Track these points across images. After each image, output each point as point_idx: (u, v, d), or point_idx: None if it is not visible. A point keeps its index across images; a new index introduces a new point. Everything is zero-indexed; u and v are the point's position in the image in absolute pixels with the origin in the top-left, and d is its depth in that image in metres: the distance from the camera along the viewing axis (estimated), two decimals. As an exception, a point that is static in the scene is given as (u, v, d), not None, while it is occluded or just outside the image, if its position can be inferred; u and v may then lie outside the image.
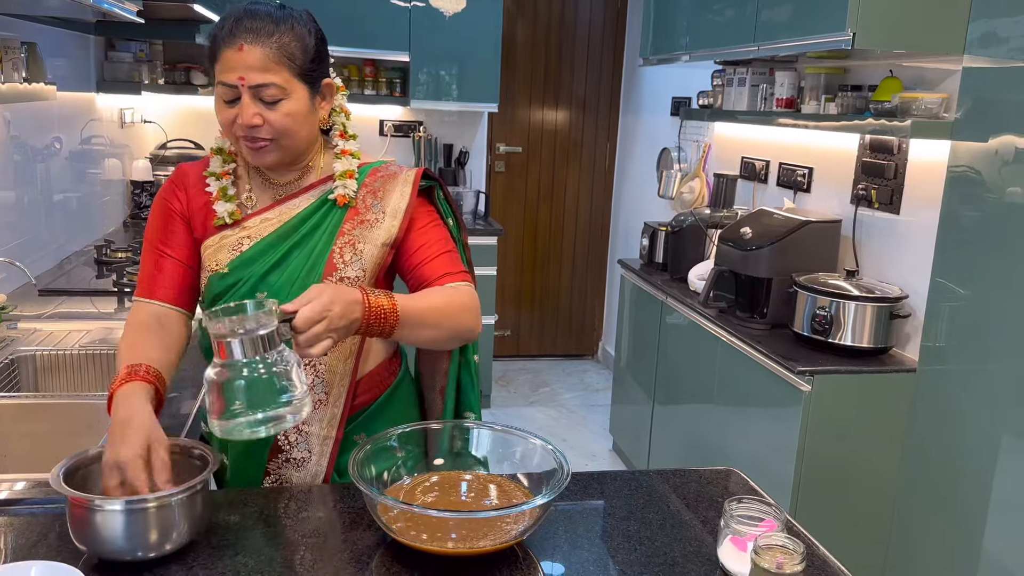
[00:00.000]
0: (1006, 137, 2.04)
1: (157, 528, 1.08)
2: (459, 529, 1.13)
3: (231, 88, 1.25)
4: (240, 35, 1.24)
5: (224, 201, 1.37)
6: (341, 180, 1.37)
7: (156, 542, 1.08)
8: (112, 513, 1.06)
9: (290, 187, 1.39)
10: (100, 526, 1.07)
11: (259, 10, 1.27)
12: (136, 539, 1.08)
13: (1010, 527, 2.04)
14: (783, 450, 2.39)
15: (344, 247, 1.35)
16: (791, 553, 1.04)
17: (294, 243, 1.35)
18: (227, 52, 1.25)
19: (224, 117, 1.28)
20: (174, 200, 1.40)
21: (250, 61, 1.24)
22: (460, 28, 4.09)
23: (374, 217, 1.37)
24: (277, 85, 1.26)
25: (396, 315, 1.20)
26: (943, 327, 2.26)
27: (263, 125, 1.27)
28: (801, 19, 2.47)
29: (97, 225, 3.31)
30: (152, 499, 1.08)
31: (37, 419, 1.66)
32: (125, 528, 1.07)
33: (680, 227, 3.29)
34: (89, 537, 1.08)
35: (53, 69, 2.67)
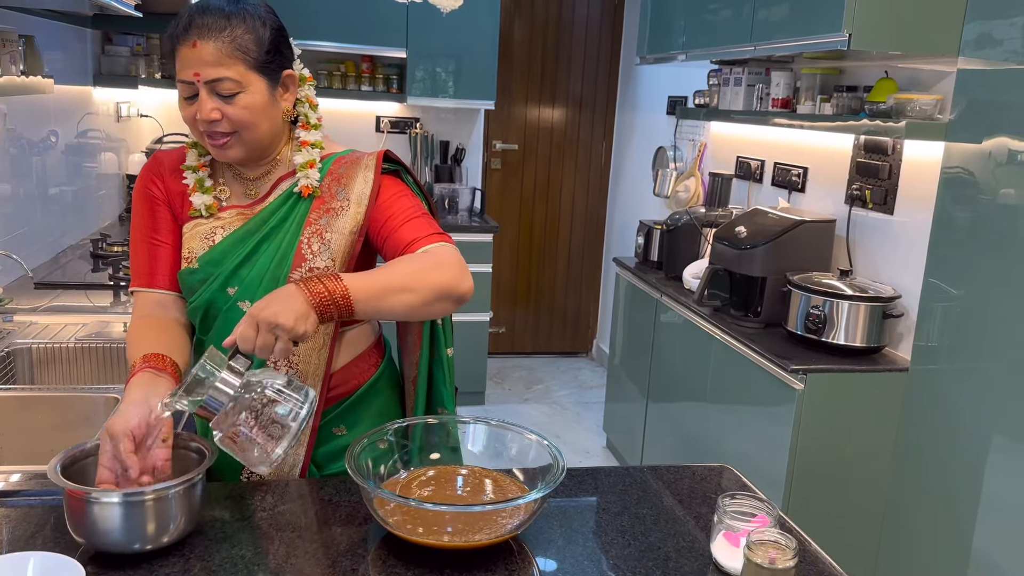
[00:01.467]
0: (1000, 139, 2.06)
1: (154, 520, 1.09)
2: (455, 523, 1.14)
3: (188, 85, 1.25)
4: (193, 31, 1.24)
5: (201, 192, 1.37)
6: (302, 171, 1.36)
7: (153, 534, 1.09)
8: (109, 505, 1.07)
9: (259, 182, 1.39)
10: (97, 518, 1.07)
11: (211, 5, 1.27)
12: (133, 531, 1.08)
13: (1000, 525, 2.06)
14: (776, 448, 2.40)
15: (312, 237, 1.35)
16: (783, 548, 1.05)
17: (263, 236, 1.35)
18: (182, 49, 1.25)
19: (186, 114, 1.28)
20: (153, 187, 1.40)
21: (204, 56, 1.24)
22: (457, 25, 4.09)
23: (339, 205, 1.36)
24: (231, 79, 1.25)
25: (347, 295, 1.17)
26: (935, 327, 2.28)
27: (222, 120, 1.26)
28: (797, 19, 2.48)
29: (93, 219, 3.31)
30: (150, 491, 1.08)
31: (33, 411, 1.66)
32: (122, 520, 1.07)
33: (675, 226, 3.30)
34: (86, 529, 1.08)
35: (50, 62, 2.67)
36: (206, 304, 1.36)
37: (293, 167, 1.38)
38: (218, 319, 1.36)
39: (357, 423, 1.45)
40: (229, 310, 1.35)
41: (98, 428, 1.51)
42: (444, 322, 1.48)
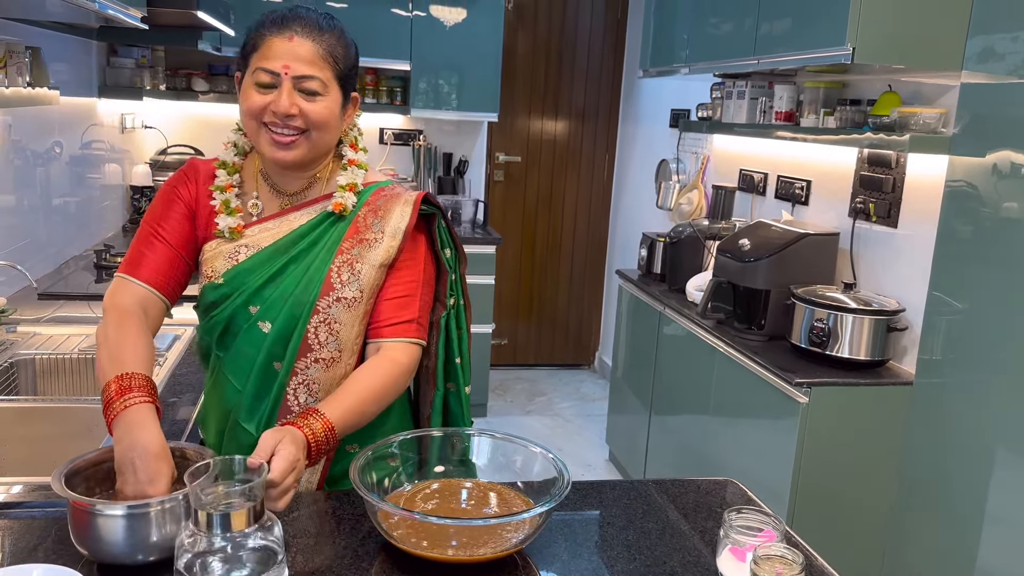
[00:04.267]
0: (1003, 152, 2.06)
1: (158, 532, 1.08)
2: (459, 536, 1.13)
3: (272, 74, 1.25)
4: (292, 26, 1.26)
5: (227, 215, 1.35)
6: (341, 192, 1.36)
7: (157, 546, 1.08)
8: (113, 517, 1.06)
9: (296, 198, 1.38)
10: (101, 530, 1.07)
11: (311, 12, 1.31)
12: (137, 543, 1.08)
13: (1005, 540, 2.05)
14: (780, 461, 2.39)
15: (342, 266, 1.34)
16: (790, 563, 1.04)
17: (291, 257, 1.34)
18: (275, 39, 1.26)
19: (254, 103, 1.27)
20: (183, 188, 1.38)
21: (299, 52, 1.25)
22: (461, 38, 4.11)
23: (373, 237, 1.36)
24: (320, 80, 1.27)
25: (334, 435, 1.23)
26: (940, 340, 2.27)
27: (298, 115, 1.27)
28: (801, 33, 2.49)
29: (96, 230, 3.31)
30: (154, 503, 1.08)
31: (36, 422, 1.66)
32: (126, 532, 1.07)
33: (678, 238, 3.30)
34: (90, 540, 1.08)
35: (55, 74, 2.68)
36: (226, 320, 1.35)
37: (330, 189, 1.38)
38: (238, 337, 1.35)
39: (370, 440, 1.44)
40: (250, 329, 1.34)
41: (100, 439, 1.50)
42: (463, 361, 1.48)
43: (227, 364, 1.38)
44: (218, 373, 1.40)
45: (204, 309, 1.37)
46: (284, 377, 1.35)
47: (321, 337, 1.34)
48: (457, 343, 1.47)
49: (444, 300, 1.45)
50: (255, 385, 1.35)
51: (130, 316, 1.29)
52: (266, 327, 1.33)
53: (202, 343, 1.43)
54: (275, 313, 1.33)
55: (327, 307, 1.33)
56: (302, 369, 1.35)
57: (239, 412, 1.37)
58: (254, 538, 0.99)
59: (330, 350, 1.35)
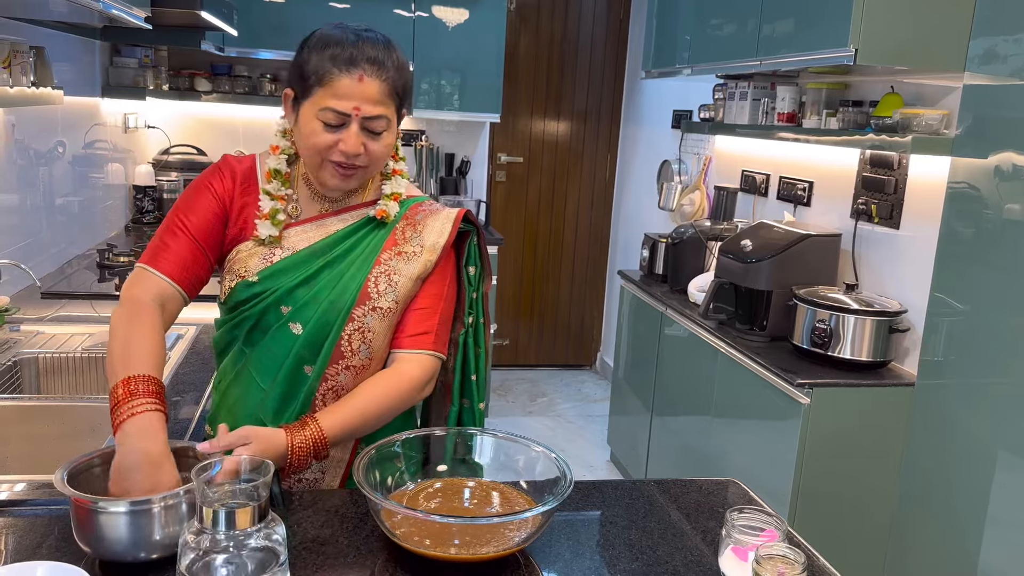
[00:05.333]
0: (1005, 154, 2.06)
1: (161, 529, 1.09)
2: (462, 535, 1.13)
3: (340, 115, 1.25)
4: (360, 64, 1.25)
5: (272, 224, 1.34)
6: (385, 200, 1.38)
7: (160, 543, 1.09)
8: (116, 514, 1.07)
9: (336, 203, 1.39)
10: (104, 527, 1.07)
11: (375, 39, 1.29)
12: (140, 540, 1.08)
13: (1006, 541, 2.05)
14: (781, 462, 2.39)
15: (379, 276, 1.35)
16: (792, 563, 1.04)
17: (326, 262, 1.34)
18: (344, 79, 1.24)
19: (321, 140, 1.27)
20: (218, 184, 1.36)
21: (369, 93, 1.25)
22: (463, 39, 4.11)
23: (412, 250, 1.37)
24: (386, 118, 1.28)
25: (325, 444, 1.25)
26: (942, 342, 2.27)
27: (361, 155, 1.28)
28: (803, 34, 2.49)
29: (99, 229, 3.32)
30: (157, 499, 1.08)
31: (39, 421, 1.66)
32: (129, 529, 1.07)
33: (680, 239, 3.30)
34: (93, 538, 1.08)
35: (59, 73, 2.68)
36: (257, 316, 1.35)
37: (374, 198, 1.39)
38: (267, 335, 1.35)
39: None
40: (280, 328, 1.34)
41: (104, 438, 1.51)
42: (479, 378, 1.49)
43: (254, 361, 1.37)
44: (242, 370, 1.40)
45: (232, 306, 1.37)
46: (315, 382, 1.35)
47: (354, 345, 1.35)
48: (474, 360, 1.48)
49: (463, 318, 1.45)
50: (282, 387, 1.35)
51: (145, 310, 1.28)
52: (297, 329, 1.34)
53: (222, 340, 1.42)
54: (307, 316, 1.33)
55: (362, 315, 1.34)
56: (332, 375, 1.36)
57: (265, 413, 1.37)
58: (256, 538, 0.99)
59: (361, 358, 1.37)
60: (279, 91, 4.13)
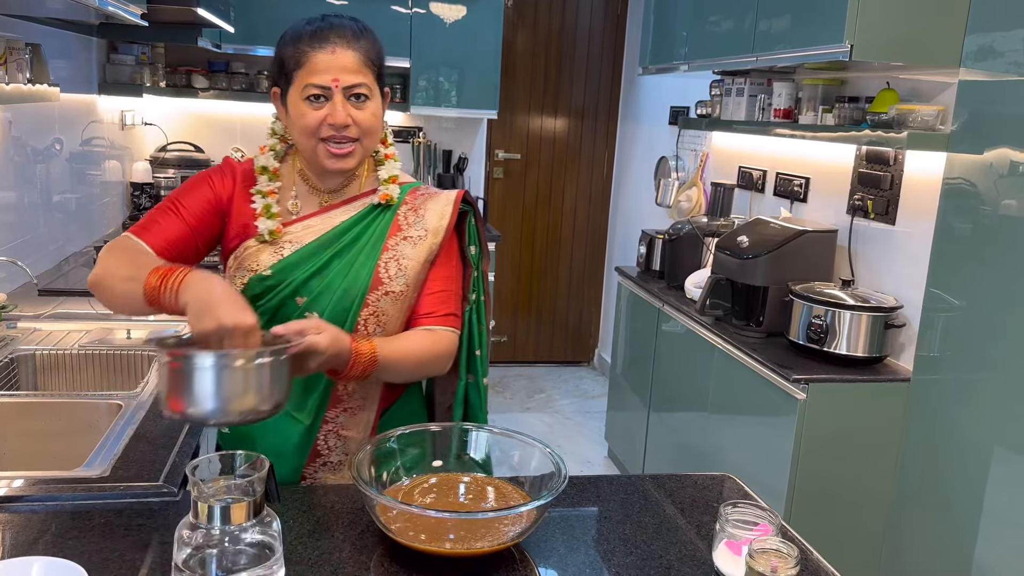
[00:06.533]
0: (1001, 150, 2.07)
1: (253, 385, 1.09)
2: (457, 530, 1.14)
3: (322, 89, 1.30)
4: (331, 39, 1.31)
5: (267, 218, 1.38)
6: (385, 185, 1.42)
7: (250, 400, 1.09)
8: (206, 368, 1.07)
9: (335, 195, 1.42)
10: (196, 381, 1.07)
11: (340, 20, 1.35)
12: (231, 396, 1.08)
13: (1002, 537, 2.05)
14: (778, 458, 2.40)
15: (389, 262, 1.39)
16: (785, 557, 1.05)
17: (335, 252, 1.38)
18: (317, 55, 1.30)
19: (310, 120, 1.31)
20: (218, 180, 1.40)
21: (343, 63, 1.30)
22: (460, 35, 4.11)
23: (417, 235, 1.41)
24: (366, 85, 1.33)
25: (374, 364, 1.29)
26: (937, 337, 2.28)
27: (351, 125, 1.32)
28: (799, 30, 2.49)
29: (96, 226, 3.32)
30: (252, 352, 1.09)
31: (36, 418, 1.66)
32: (218, 383, 1.07)
33: (677, 235, 3.31)
34: (186, 396, 1.07)
35: (56, 71, 2.68)
36: (273, 310, 1.37)
37: (371, 187, 1.43)
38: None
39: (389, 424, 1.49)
40: (297, 319, 1.35)
41: (103, 433, 1.51)
42: (482, 353, 1.53)
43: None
44: None
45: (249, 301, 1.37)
46: None
47: (370, 329, 1.39)
48: (478, 336, 1.53)
49: (467, 296, 1.50)
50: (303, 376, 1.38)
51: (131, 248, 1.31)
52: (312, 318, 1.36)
53: None
54: (323, 305, 1.37)
55: (376, 300, 1.38)
56: None
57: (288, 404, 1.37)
58: (252, 533, 1.00)
59: None
60: (276, 88, 4.13)
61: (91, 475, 1.33)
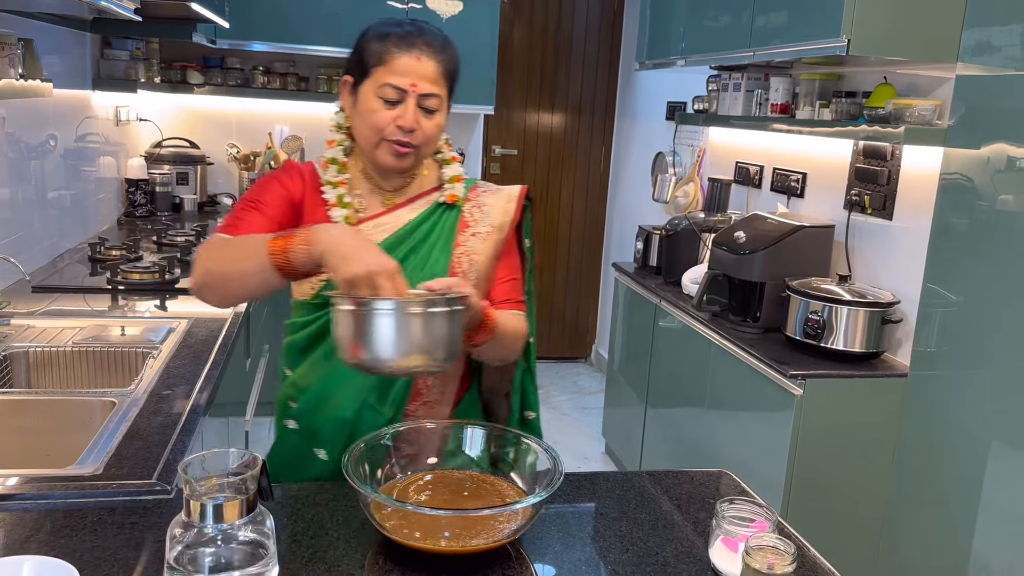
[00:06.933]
0: (998, 145, 2.06)
1: (430, 332, 1.14)
2: (452, 527, 1.13)
3: (399, 91, 1.33)
4: (418, 45, 1.34)
5: (341, 207, 1.40)
6: (451, 184, 1.47)
7: (428, 348, 1.14)
8: (388, 313, 1.11)
9: (398, 194, 1.46)
10: (376, 327, 1.11)
11: (430, 28, 1.38)
12: (410, 342, 1.13)
13: (999, 531, 2.05)
14: (775, 453, 2.40)
15: (461, 257, 1.43)
16: (782, 554, 1.04)
17: (409, 249, 1.41)
18: (402, 57, 1.33)
19: (379, 118, 1.34)
20: (287, 179, 1.42)
21: (424, 70, 1.34)
22: (457, 30, 4.05)
23: (484, 231, 1.46)
24: (439, 98, 1.36)
25: (493, 329, 1.33)
26: (934, 332, 2.27)
27: (416, 131, 1.35)
28: (796, 25, 2.49)
29: (91, 223, 3.30)
30: (428, 298, 1.14)
31: (29, 415, 1.65)
32: (399, 328, 1.12)
33: (674, 231, 3.30)
34: (366, 342, 1.12)
35: (49, 66, 2.66)
36: None
37: (434, 184, 1.48)
38: None
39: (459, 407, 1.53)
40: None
41: (96, 431, 1.50)
42: (534, 342, 1.55)
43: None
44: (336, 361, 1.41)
45: (323, 302, 1.39)
46: None
47: None
48: (531, 326, 1.56)
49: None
50: None
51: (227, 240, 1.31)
52: None
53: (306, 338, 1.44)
54: None
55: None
56: None
57: (369, 398, 1.41)
58: (245, 531, 0.99)
59: None
60: (272, 83, 4.11)
61: (84, 473, 1.32)
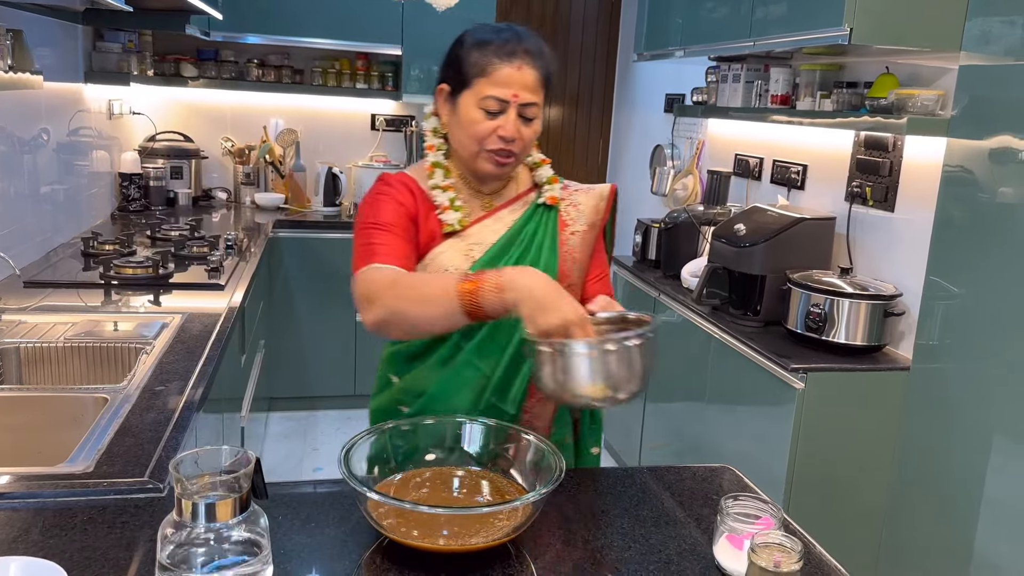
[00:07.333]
0: (1002, 136, 2.04)
1: (624, 368, 1.17)
2: (451, 526, 1.10)
3: (501, 102, 1.34)
4: (519, 54, 1.35)
5: (453, 211, 1.41)
6: (550, 186, 1.50)
7: (621, 383, 1.18)
8: (580, 355, 1.16)
9: (496, 197, 1.48)
10: (570, 367, 1.16)
11: (529, 34, 1.39)
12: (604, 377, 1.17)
13: (1001, 525, 2.03)
14: (776, 448, 2.38)
15: (566, 256, 1.47)
16: (789, 551, 1.02)
17: (520, 250, 1.43)
18: (504, 68, 1.34)
19: (481, 129, 1.36)
20: (397, 193, 1.41)
21: (526, 81, 1.35)
22: (453, 22, 4.01)
23: (581, 229, 1.50)
24: (537, 106, 1.37)
25: None
26: (937, 325, 2.25)
27: (517, 140, 1.36)
28: (798, 14, 2.46)
29: (84, 217, 3.27)
30: (618, 338, 1.17)
31: (20, 412, 1.62)
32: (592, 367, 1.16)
33: (673, 224, 3.27)
34: (560, 379, 1.17)
35: (39, 59, 2.63)
36: None
37: (528, 186, 1.51)
38: (486, 326, 1.40)
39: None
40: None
41: (88, 427, 1.47)
42: None
43: (473, 351, 1.42)
44: (458, 361, 1.43)
45: None
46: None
47: None
48: None
49: None
50: (506, 369, 1.42)
51: (393, 276, 1.30)
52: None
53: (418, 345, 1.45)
54: None
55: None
56: None
57: (491, 394, 1.43)
58: (238, 530, 0.96)
59: None
60: (266, 76, 4.08)
61: (75, 471, 1.30)
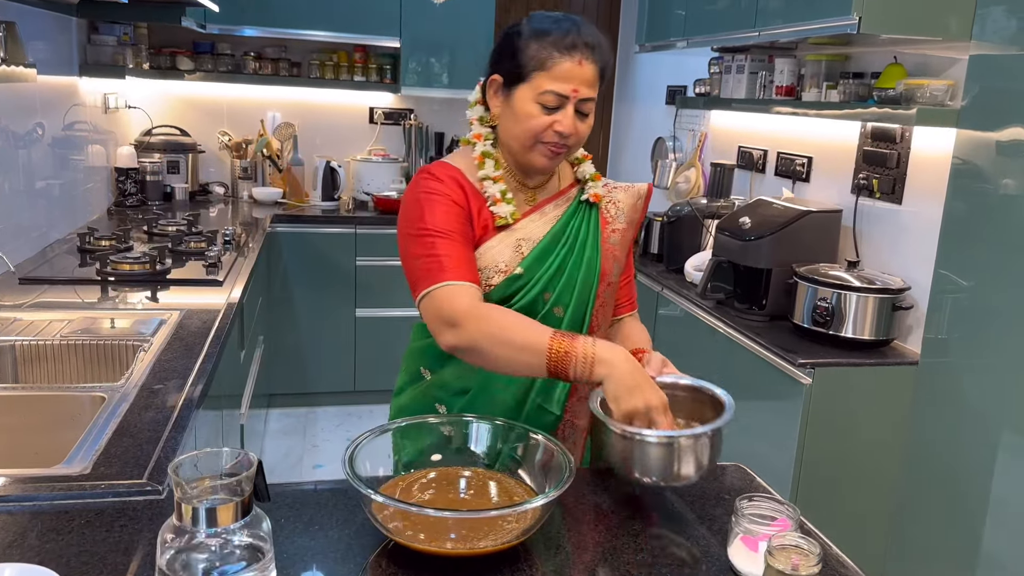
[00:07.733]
0: (1013, 127, 2.00)
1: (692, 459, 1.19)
2: (458, 529, 1.07)
3: (560, 97, 1.32)
4: (580, 48, 1.31)
5: (505, 203, 1.39)
6: (593, 184, 1.48)
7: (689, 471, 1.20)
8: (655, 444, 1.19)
9: (540, 191, 1.46)
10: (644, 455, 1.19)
11: (588, 24, 1.35)
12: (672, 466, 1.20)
13: (1010, 522, 2.01)
14: (783, 443, 2.35)
15: (607, 255, 1.46)
16: (807, 554, 0.99)
17: (567, 247, 1.41)
18: (565, 62, 1.31)
19: (538, 123, 1.33)
20: (447, 190, 1.37)
21: (585, 76, 1.32)
22: (451, 14, 4.02)
23: (620, 227, 1.48)
24: (594, 100, 1.36)
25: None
26: (946, 319, 2.22)
27: (572, 135, 1.34)
28: (803, 3, 2.42)
29: (80, 213, 3.23)
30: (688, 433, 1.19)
31: (15, 412, 1.59)
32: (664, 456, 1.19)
33: (676, 217, 3.24)
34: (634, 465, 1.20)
35: (33, 52, 2.59)
36: (525, 309, 1.37)
37: (570, 180, 1.49)
38: None
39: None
40: (546, 315, 1.39)
41: (85, 427, 1.44)
42: None
43: None
44: None
45: (497, 302, 1.36)
46: None
47: (599, 319, 1.47)
48: None
49: None
50: None
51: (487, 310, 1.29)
52: (560, 312, 1.40)
53: None
54: (567, 299, 1.41)
55: (603, 292, 1.46)
56: None
57: (536, 396, 1.42)
58: (240, 534, 0.93)
59: (602, 329, 1.50)
60: (263, 69, 4.03)
61: (71, 472, 1.26)
